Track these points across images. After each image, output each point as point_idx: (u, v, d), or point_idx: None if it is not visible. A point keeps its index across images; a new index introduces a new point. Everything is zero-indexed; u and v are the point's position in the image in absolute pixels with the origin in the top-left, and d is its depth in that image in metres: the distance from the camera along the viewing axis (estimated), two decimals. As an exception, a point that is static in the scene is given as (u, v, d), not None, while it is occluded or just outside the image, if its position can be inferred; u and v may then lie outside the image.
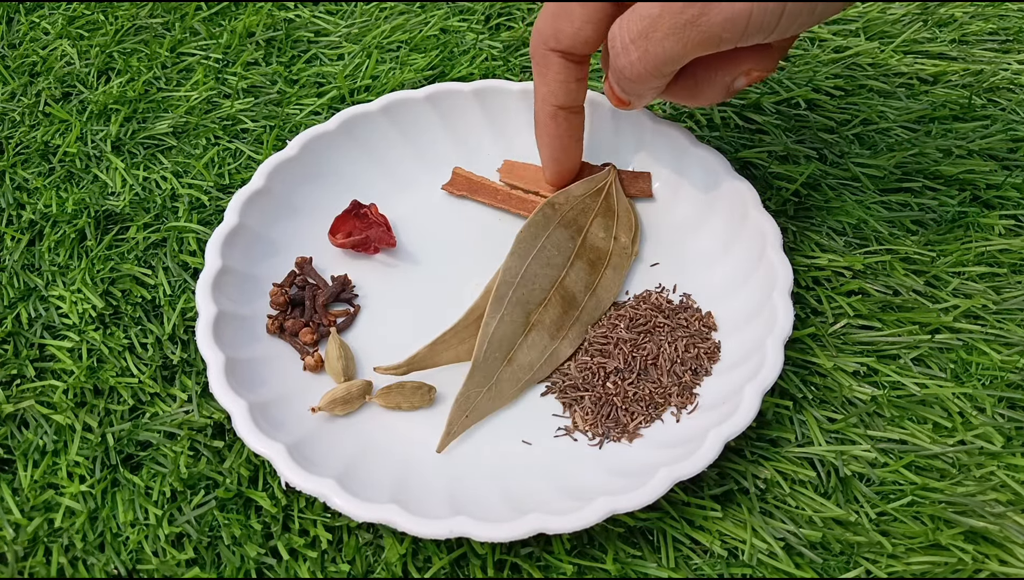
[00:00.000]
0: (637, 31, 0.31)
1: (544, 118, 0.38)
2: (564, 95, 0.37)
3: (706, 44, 0.30)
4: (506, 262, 0.37)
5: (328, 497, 0.31)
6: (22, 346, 0.38)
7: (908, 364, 0.37)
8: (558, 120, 0.38)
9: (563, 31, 0.35)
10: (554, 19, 0.35)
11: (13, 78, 0.50)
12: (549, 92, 0.37)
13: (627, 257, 0.40)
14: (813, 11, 0.30)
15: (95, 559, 0.32)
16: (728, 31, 0.30)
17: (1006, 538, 0.32)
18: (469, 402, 0.35)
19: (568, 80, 0.36)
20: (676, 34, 0.30)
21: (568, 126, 0.38)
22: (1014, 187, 0.42)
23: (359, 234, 0.40)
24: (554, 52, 0.35)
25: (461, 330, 0.37)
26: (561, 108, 0.37)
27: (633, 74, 0.32)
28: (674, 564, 0.32)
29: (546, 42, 0.35)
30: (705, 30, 0.30)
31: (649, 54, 0.31)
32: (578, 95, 0.37)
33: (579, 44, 0.34)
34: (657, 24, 0.30)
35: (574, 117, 0.38)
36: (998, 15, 0.51)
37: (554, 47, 0.35)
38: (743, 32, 0.30)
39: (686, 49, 0.31)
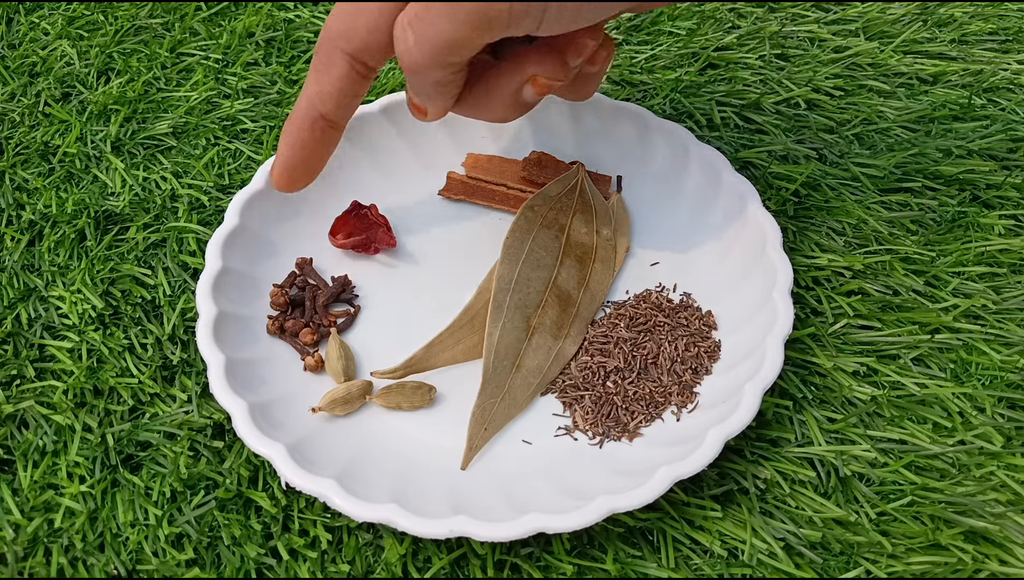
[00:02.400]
0: (414, 13, 0.29)
1: (301, 118, 0.34)
2: (334, 105, 0.33)
3: (478, 25, 0.29)
4: (498, 270, 0.38)
5: (328, 497, 0.31)
6: (22, 346, 0.38)
7: (908, 364, 0.37)
8: (315, 128, 0.34)
9: (356, 29, 0.32)
10: (348, 15, 0.32)
11: (13, 78, 0.50)
12: (319, 94, 0.33)
13: (612, 249, 0.40)
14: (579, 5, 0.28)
15: (95, 559, 0.32)
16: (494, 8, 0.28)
17: (1006, 538, 0.32)
18: (486, 415, 0.35)
19: (345, 91, 0.33)
20: (447, 13, 0.29)
21: (322, 139, 0.34)
22: (1014, 187, 0.42)
23: (359, 234, 0.40)
24: (343, 53, 0.32)
25: (457, 331, 0.37)
26: (324, 117, 0.34)
27: (411, 61, 0.30)
28: (674, 564, 0.32)
29: (335, 40, 0.32)
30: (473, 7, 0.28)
31: (425, 37, 0.29)
32: (346, 112, 0.34)
33: (372, 46, 0.32)
34: (430, 5, 0.29)
35: (332, 133, 0.34)
36: (998, 15, 0.51)
37: (343, 47, 0.32)
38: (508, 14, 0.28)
39: (460, 31, 0.29)
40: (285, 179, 0.36)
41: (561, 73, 0.32)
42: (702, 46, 0.50)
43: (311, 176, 0.36)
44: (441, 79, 0.31)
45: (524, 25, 0.29)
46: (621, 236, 0.41)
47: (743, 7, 0.52)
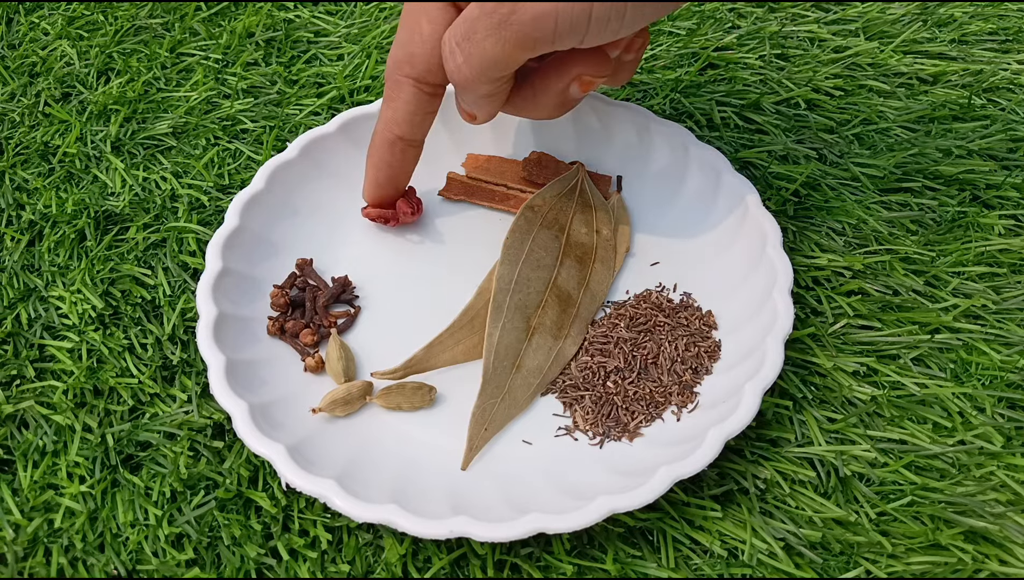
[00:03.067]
0: (461, 34, 0.31)
1: (381, 143, 0.37)
2: (408, 125, 0.36)
3: (523, 44, 0.30)
4: (498, 270, 0.38)
5: (328, 498, 0.31)
6: (22, 346, 0.38)
7: (908, 364, 0.37)
8: (395, 149, 0.37)
9: (416, 55, 0.34)
10: (406, 43, 0.34)
11: (13, 78, 0.50)
12: (393, 119, 0.36)
13: (612, 249, 0.40)
14: (622, 16, 0.29)
15: (95, 559, 0.32)
16: (539, 30, 0.29)
17: (1006, 538, 0.32)
18: (486, 415, 0.35)
19: (416, 111, 0.36)
20: (494, 34, 0.30)
21: (403, 158, 0.38)
22: (1014, 187, 0.42)
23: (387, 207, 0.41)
24: (408, 78, 0.35)
25: (456, 331, 0.37)
26: (401, 138, 0.37)
27: (461, 78, 0.32)
28: (674, 564, 0.32)
29: (400, 68, 0.35)
30: (518, 29, 0.30)
31: (473, 57, 0.31)
32: (421, 128, 0.37)
33: (433, 67, 0.34)
34: (476, 26, 0.30)
35: (411, 150, 0.38)
36: (998, 15, 0.51)
37: (408, 73, 0.35)
38: (553, 32, 0.30)
39: (505, 50, 0.30)
40: (376, 196, 0.40)
41: (605, 68, 0.33)
42: (702, 46, 0.50)
43: (398, 190, 0.40)
44: (489, 91, 0.33)
45: (568, 42, 0.30)
46: (621, 236, 0.41)
47: (743, 7, 0.52)
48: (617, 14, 0.29)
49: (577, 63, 0.33)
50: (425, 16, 0.33)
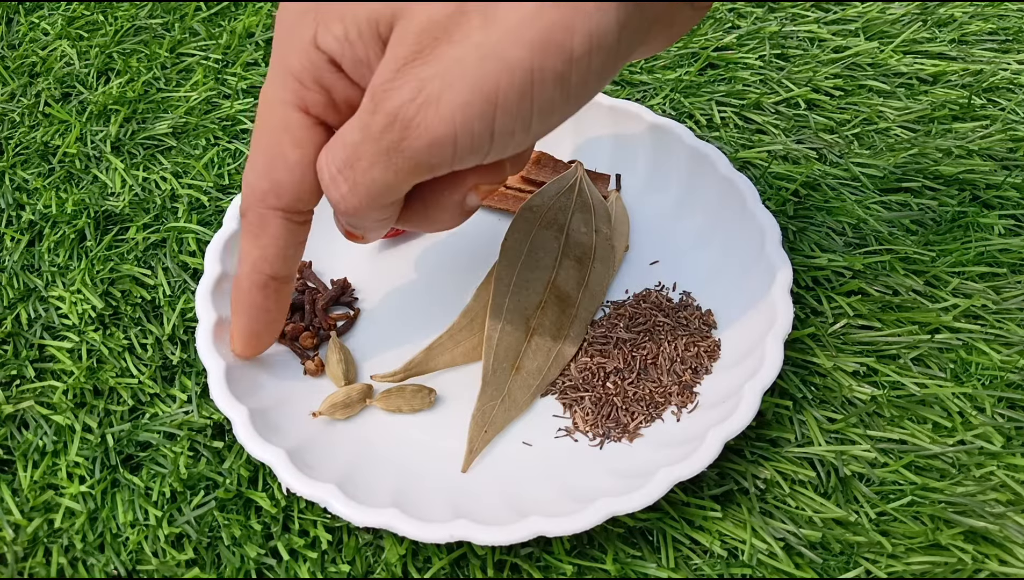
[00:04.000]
0: (342, 160, 0.27)
1: (251, 288, 0.32)
2: (281, 262, 0.31)
3: (418, 171, 0.26)
4: (497, 271, 0.38)
5: (329, 503, 0.31)
6: (22, 347, 0.38)
7: (908, 364, 0.37)
8: (268, 291, 0.32)
9: (282, 183, 0.29)
10: (268, 170, 0.29)
11: (13, 79, 0.50)
12: (263, 258, 0.31)
13: (611, 248, 0.40)
14: (527, 128, 0.26)
15: (95, 560, 0.32)
16: (435, 156, 0.26)
17: (1006, 538, 0.32)
18: (486, 417, 0.35)
19: (288, 245, 0.31)
20: (382, 162, 0.26)
21: (277, 298, 0.33)
22: (1014, 187, 0.42)
23: None
24: (275, 211, 0.30)
25: (456, 333, 0.37)
26: (274, 278, 0.32)
27: (348, 207, 0.28)
28: (674, 564, 0.32)
29: (264, 200, 0.30)
30: (411, 156, 0.26)
31: (359, 185, 0.27)
32: (295, 261, 0.32)
33: (304, 195, 0.30)
34: (359, 152, 0.27)
35: (285, 287, 0.33)
36: (998, 15, 0.51)
37: (274, 204, 0.30)
38: (452, 156, 0.26)
39: (398, 177, 0.27)
40: (250, 348, 0.35)
41: (502, 176, 0.30)
42: (702, 46, 0.50)
43: (274, 335, 0.35)
44: (379, 216, 0.29)
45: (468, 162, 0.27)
46: (620, 235, 0.41)
47: (743, 7, 0.52)
48: (523, 125, 0.25)
49: (472, 175, 0.29)
50: (288, 138, 0.29)
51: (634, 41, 0.25)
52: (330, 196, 0.28)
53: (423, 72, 0.24)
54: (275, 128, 0.29)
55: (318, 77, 0.27)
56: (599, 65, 0.25)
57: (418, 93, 0.25)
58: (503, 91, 0.24)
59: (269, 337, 0.35)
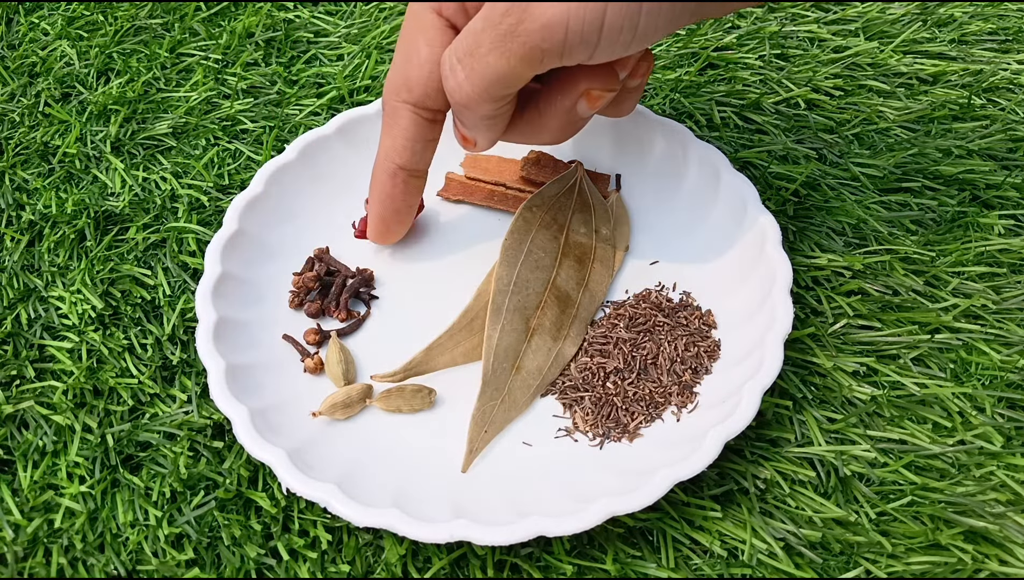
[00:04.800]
0: (463, 49, 0.30)
1: (381, 174, 0.35)
2: (409, 155, 0.34)
3: (530, 57, 0.29)
4: (496, 272, 0.37)
5: (329, 503, 0.31)
6: (22, 347, 0.38)
7: (908, 364, 0.37)
8: (396, 180, 0.35)
9: (413, 78, 0.32)
10: (403, 66, 0.33)
11: (13, 79, 0.50)
12: (393, 148, 0.34)
13: (611, 248, 0.40)
14: (635, 26, 0.28)
15: (95, 560, 0.32)
16: (547, 40, 0.28)
17: (1006, 538, 0.32)
18: (485, 417, 0.35)
19: (416, 138, 0.34)
20: (499, 47, 0.29)
21: (405, 189, 0.36)
22: (1014, 187, 0.42)
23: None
24: (405, 104, 0.33)
25: (456, 333, 0.37)
26: (402, 168, 0.35)
27: (463, 96, 0.31)
28: (674, 564, 0.32)
29: (397, 93, 0.33)
30: (525, 40, 0.28)
31: (475, 72, 0.30)
32: (423, 157, 0.35)
33: (431, 92, 0.32)
34: (480, 39, 0.29)
35: (413, 181, 0.36)
36: (997, 15, 0.51)
37: (406, 98, 0.33)
38: (563, 43, 0.28)
39: (510, 64, 0.29)
40: (381, 232, 0.38)
41: (614, 82, 0.32)
42: (702, 46, 0.50)
43: (404, 225, 0.38)
44: (491, 112, 0.31)
45: (578, 55, 0.29)
46: (620, 235, 0.41)
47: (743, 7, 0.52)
48: (630, 23, 0.28)
49: (584, 78, 0.32)
50: (423, 37, 0.32)
51: None
52: (447, 85, 0.31)
53: None
54: (413, 29, 0.32)
55: None
56: None
57: None
58: None
59: (397, 225, 0.38)
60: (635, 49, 0.29)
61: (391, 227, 0.38)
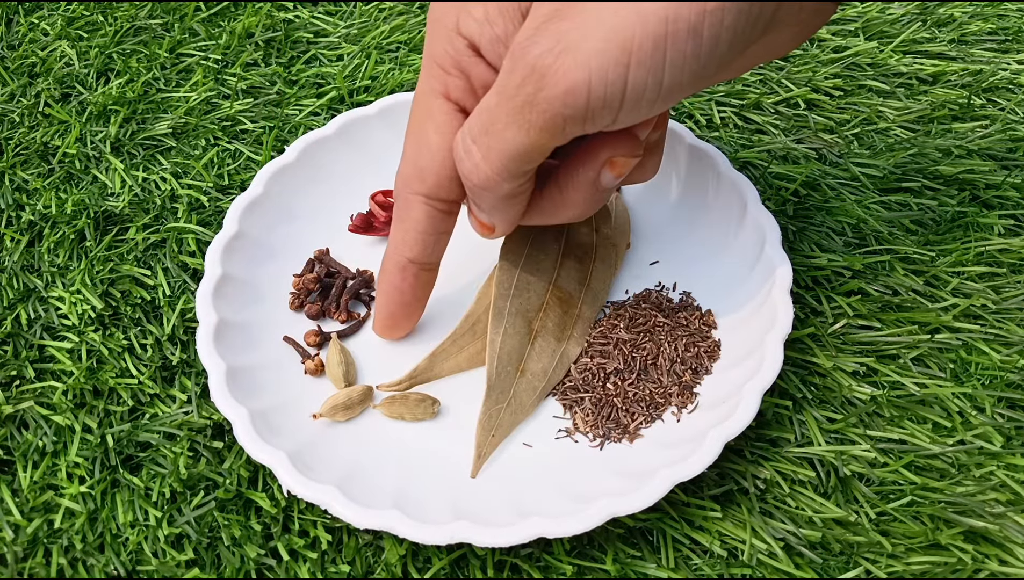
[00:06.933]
0: (478, 128, 0.28)
1: (391, 267, 0.34)
2: (421, 248, 0.33)
3: (551, 127, 0.27)
4: (497, 275, 0.37)
5: (330, 504, 0.31)
6: (22, 347, 0.38)
7: (908, 364, 0.37)
8: (406, 274, 0.34)
9: (425, 169, 0.31)
10: (414, 156, 0.31)
11: (12, 79, 0.50)
12: (404, 241, 0.33)
13: (612, 247, 0.40)
14: (659, 85, 0.26)
15: (95, 560, 0.32)
16: (569, 106, 0.26)
17: (1006, 538, 0.32)
18: (492, 421, 0.35)
19: (428, 231, 0.33)
20: (517, 119, 0.27)
21: (415, 282, 0.34)
22: (1013, 187, 0.42)
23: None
24: (418, 196, 0.32)
25: (459, 338, 0.37)
26: (413, 261, 0.34)
27: (480, 178, 0.29)
28: (674, 564, 0.32)
29: (408, 184, 0.32)
30: (545, 108, 0.26)
31: (493, 150, 0.28)
32: (436, 250, 0.34)
33: (445, 181, 0.31)
34: (496, 115, 0.27)
35: (425, 274, 0.35)
36: (997, 15, 0.51)
37: (418, 190, 0.32)
38: (585, 107, 0.26)
39: (531, 136, 0.27)
40: (388, 327, 0.37)
41: (637, 147, 0.31)
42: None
43: (412, 320, 0.37)
44: (511, 192, 0.30)
45: (600, 120, 0.27)
46: (621, 234, 0.41)
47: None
48: (654, 80, 0.26)
49: (606, 146, 0.30)
50: (431, 124, 0.31)
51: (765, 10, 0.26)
52: (463, 169, 0.29)
53: (561, 26, 0.26)
54: (421, 117, 0.31)
55: (458, 62, 0.29)
56: (731, 22, 0.25)
57: (556, 43, 0.26)
58: (637, 39, 0.25)
59: (405, 321, 0.36)
60: (659, 109, 0.28)
61: (399, 322, 0.36)
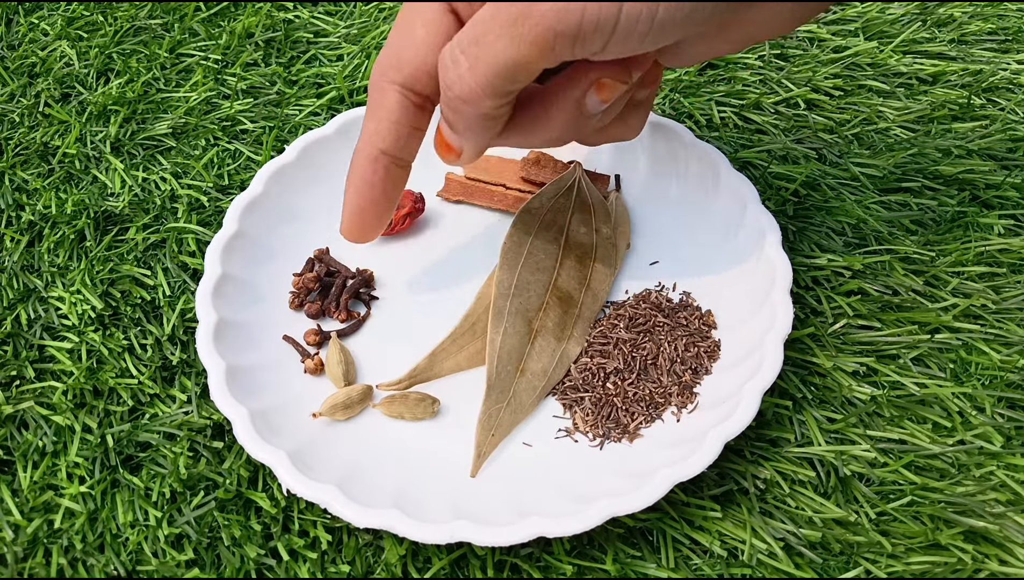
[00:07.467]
0: (468, 39, 0.28)
1: (362, 160, 0.32)
2: (393, 139, 0.32)
3: (542, 42, 0.27)
4: (497, 275, 0.37)
5: (329, 504, 0.31)
6: (22, 347, 0.38)
7: (908, 364, 0.37)
8: (377, 166, 0.32)
9: (405, 59, 0.31)
10: (396, 45, 0.31)
11: (12, 79, 0.50)
12: (376, 131, 0.32)
13: (613, 247, 0.40)
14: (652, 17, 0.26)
15: (95, 560, 0.32)
16: (562, 22, 0.26)
17: (1006, 538, 0.32)
18: (492, 420, 0.35)
19: (402, 122, 0.32)
20: (508, 32, 0.27)
21: (386, 176, 0.33)
22: (1013, 187, 0.42)
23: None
24: (393, 85, 0.31)
25: (459, 338, 0.37)
26: (384, 153, 0.32)
27: (463, 90, 0.29)
28: (674, 564, 0.32)
29: (385, 73, 0.31)
30: (538, 21, 0.26)
31: (480, 61, 0.28)
32: (408, 146, 0.33)
33: (422, 75, 0.31)
34: (488, 27, 0.27)
35: (396, 170, 0.33)
36: (997, 15, 0.51)
37: (394, 78, 0.31)
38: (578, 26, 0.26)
39: (520, 51, 0.27)
40: (355, 226, 0.34)
41: (626, 76, 0.30)
42: (702, 46, 0.50)
43: (381, 221, 0.34)
44: (490, 111, 0.29)
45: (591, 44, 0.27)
46: (621, 234, 0.41)
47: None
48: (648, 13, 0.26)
49: (596, 68, 0.30)
50: (420, 18, 0.30)
51: None
52: (447, 78, 0.29)
53: None
54: (411, 10, 0.31)
55: None
56: None
57: None
58: None
59: (373, 219, 0.34)
60: (650, 45, 0.28)
61: (367, 221, 0.34)
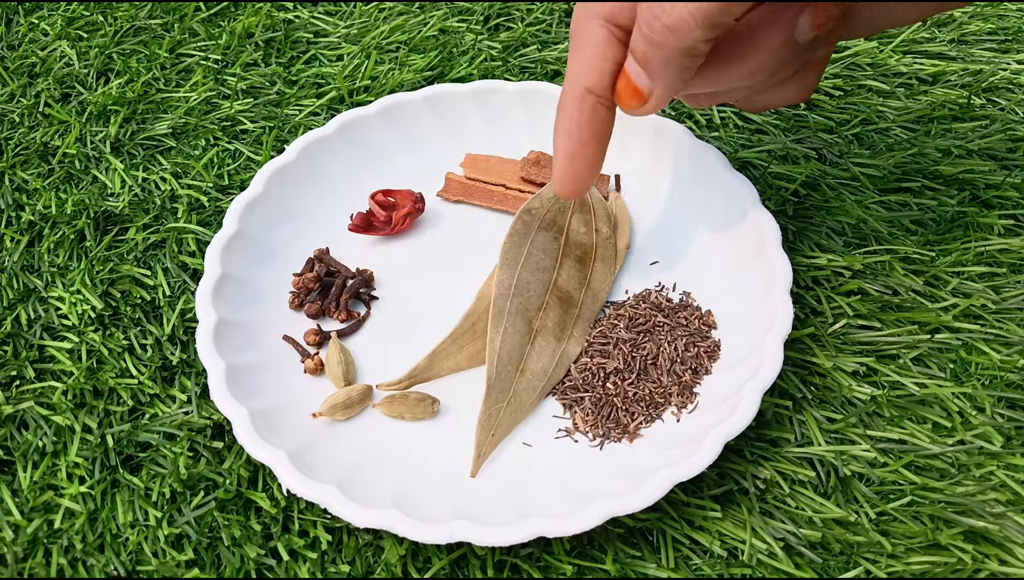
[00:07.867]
0: None
1: (568, 100, 0.31)
2: (598, 76, 0.30)
3: None
4: (497, 275, 0.37)
5: (329, 503, 0.31)
6: (21, 347, 0.38)
7: (908, 364, 0.37)
8: (584, 105, 0.31)
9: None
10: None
11: (12, 79, 0.50)
12: (582, 69, 0.31)
13: (613, 247, 0.40)
14: None
15: (95, 560, 0.32)
16: None
17: (1006, 538, 0.32)
18: (492, 420, 0.35)
19: (607, 57, 0.30)
20: None
21: (593, 117, 0.31)
22: (1013, 187, 0.42)
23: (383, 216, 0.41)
24: (598, 19, 0.30)
25: (459, 338, 0.37)
26: (591, 91, 0.31)
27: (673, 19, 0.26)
28: (674, 564, 0.32)
29: (588, 9, 0.30)
30: None
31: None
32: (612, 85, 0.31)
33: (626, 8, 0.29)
34: None
35: (603, 111, 0.31)
36: (997, 15, 0.51)
37: (598, 13, 0.30)
38: None
39: None
40: (568, 174, 0.32)
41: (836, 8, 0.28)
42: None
43: (592, 170, 0.32)
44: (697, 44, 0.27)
45: None
46: (621, 234, 0.41)
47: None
48: None
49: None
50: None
51: None
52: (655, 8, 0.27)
53: None
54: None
55: None
56: None
57: None
58: None
59: (583, 166, 0.32)
60: None
61: (578, 168, 0.32)
